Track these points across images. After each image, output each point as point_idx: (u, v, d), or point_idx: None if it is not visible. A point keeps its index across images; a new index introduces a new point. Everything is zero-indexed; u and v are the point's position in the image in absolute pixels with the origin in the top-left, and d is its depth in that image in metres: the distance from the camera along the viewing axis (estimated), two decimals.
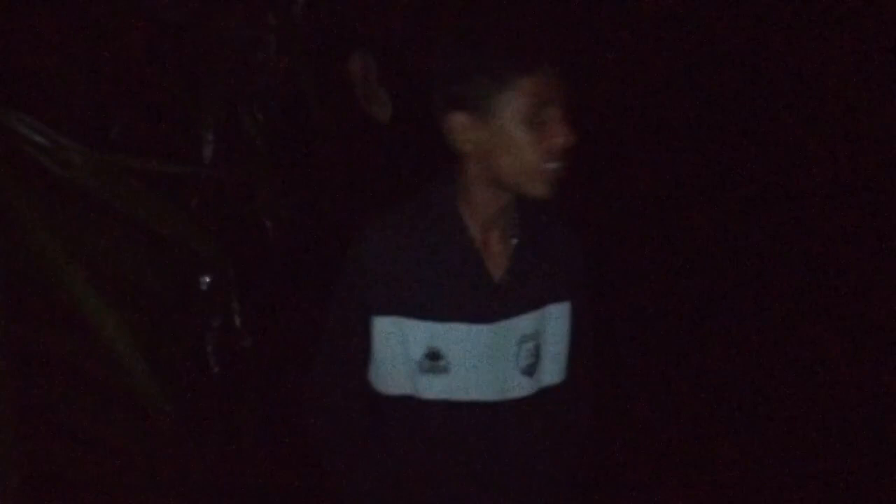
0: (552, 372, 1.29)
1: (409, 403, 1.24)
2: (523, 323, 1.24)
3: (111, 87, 1.77)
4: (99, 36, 1.78)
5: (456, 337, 1.21)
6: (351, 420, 1.30)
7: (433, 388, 1.23)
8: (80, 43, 1.76)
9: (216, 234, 1.68)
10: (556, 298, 1.28)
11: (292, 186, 2.07)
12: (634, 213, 3.51)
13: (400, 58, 2.54)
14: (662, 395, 2.98)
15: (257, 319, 1.72)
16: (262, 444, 1.81)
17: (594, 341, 1.38)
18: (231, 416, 1.73)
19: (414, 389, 1.24)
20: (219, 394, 1.67)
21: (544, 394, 1.28)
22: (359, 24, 2.45)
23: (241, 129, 1.72)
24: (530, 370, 1.26)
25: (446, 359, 1.21)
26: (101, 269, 1.06)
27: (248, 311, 1.69)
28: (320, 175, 2.38)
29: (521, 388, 1.25)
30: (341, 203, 2.49)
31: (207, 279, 1.58)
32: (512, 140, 1.12)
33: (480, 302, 1.22)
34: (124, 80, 1.78)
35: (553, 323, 1.28)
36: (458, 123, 1.13)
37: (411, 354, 1.22)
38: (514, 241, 1.25)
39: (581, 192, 1.22)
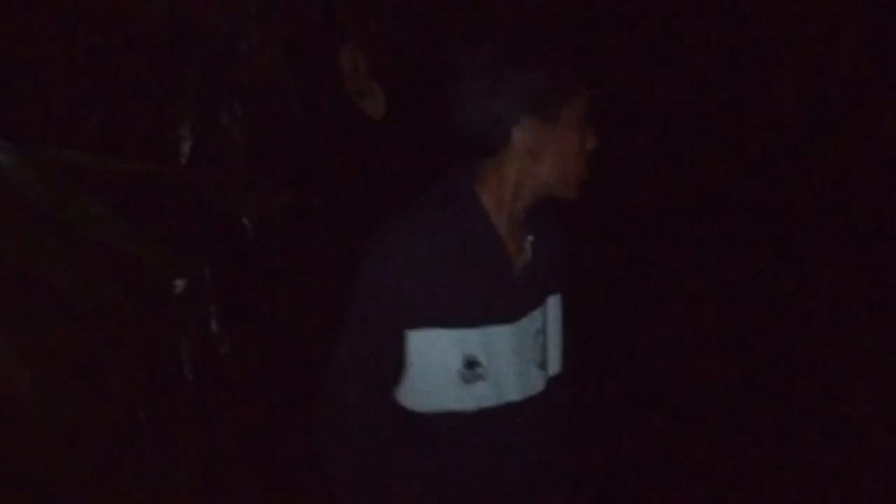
0: (555, 362, 1.33)
1: (445, 418, 1.21)
2: (535, 318, 1.26)
3: (86, 82, 1.71)
4: (75, 28, 1.71)
5: (490, 341, 1.19)
6: (380, 448, 1.24)
7: (472, 398, 1.20)
8: (56, 35, 1.69)
9: (193, 234, 1.61)
10: (553, 291, 1.32)
11: (278, 185, 2.00)
12: (633, 214, 3.50)
13: (395, 51, 2.47)
14: (661, 396, 2.97)
15: (236, 324, 1.65)
16: (240, 455, 1.74)
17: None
18: (209, 426, 1.66)
19: (454, 403, 1.20)
20: (195, 403, 1.60)
21: (551, 384, 1.31)
22: (350, 15, 2.38)
23: (219, 124, 1.65)
24: (543, 364, 1.28)
25: (482, 365, 1.19)
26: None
27: (227, 315, 1.62)
28: (308, 173, 2.31)
29: (538, 382, 1.28)
30: (332, 202, 2.43)
31: (181, 283, 1.51)
32: (567, 143, 1.17)
33: (507, 301, 1.22)
34: (100, 74, 1.71)
35: (552, 314, 1.31)
36: (528, 127, 1.14)
37: (450, 366, 1.18)
38: (530, 238, 1.25)
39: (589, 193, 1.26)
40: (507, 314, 1.22)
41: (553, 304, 1.31)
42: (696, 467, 2.66)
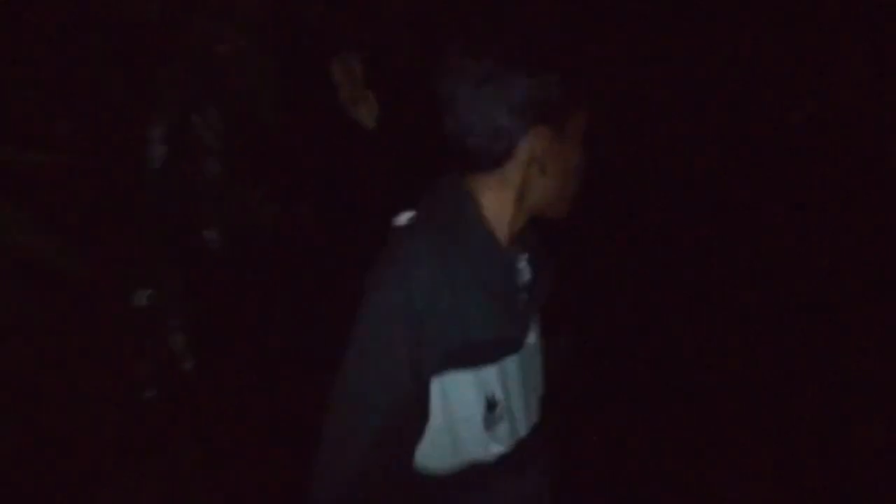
0: (540, 385, 1.23)
1: (463, 474, 1.06)
2: (531, 341, 1.16)
3: (63, 86, 1.65)
4: (61, 32, 1.66)
5: (505, 375, 1.07)
6: None
7: (493, 444, 1.07)
8: (41, 38, 1.64)
9: (161, 246, 1.54)
10: (534, 309, 1.21)
11: (268, 194, 1.94)
12: (634, 215, 3.46)
13: (390, 60, 2.41)
14: (661, 396, 2.92)
15: (201, 339, 1.56)
16: (203, 478, 1.65)
17: None
18: (169, 447, 1.57)
19: (476, 454, 1.06)
20: (154, 422, 1.51)
21: (541, 409, 1.21)
22: (348, 24, 2.31)
23: (192, 131, 1.57)
24: (537, 389, 1.20)
25: (500, 404, 1.06)
26: None
27: (193, 330, 1.54)
28: (298, 182, 2.24)
29: (538, 410, 1.18)
30: (320, 213, 2.36)
31: (144, 295, 1.43)
32: (571, 156, 1.08)
33: (514, 328, 1.10)
34: (78, 78, 1.65)
35: (533, 333, 1.19)
36: (539, 136, 1.03)
37: (472, 413, 1.04)
38: (525, 256, 1.15)
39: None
40: (516, 342, 1.10)
41: (535, 322, 1.21)
42: (695, 467, 2.59)
